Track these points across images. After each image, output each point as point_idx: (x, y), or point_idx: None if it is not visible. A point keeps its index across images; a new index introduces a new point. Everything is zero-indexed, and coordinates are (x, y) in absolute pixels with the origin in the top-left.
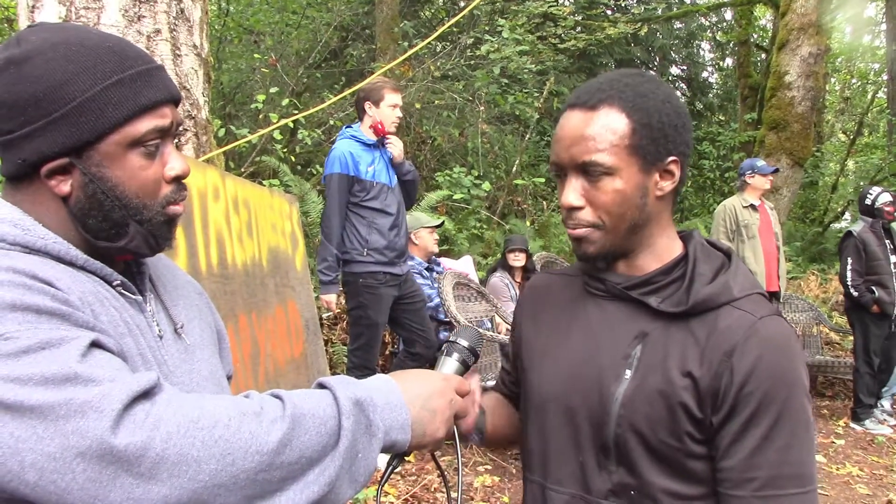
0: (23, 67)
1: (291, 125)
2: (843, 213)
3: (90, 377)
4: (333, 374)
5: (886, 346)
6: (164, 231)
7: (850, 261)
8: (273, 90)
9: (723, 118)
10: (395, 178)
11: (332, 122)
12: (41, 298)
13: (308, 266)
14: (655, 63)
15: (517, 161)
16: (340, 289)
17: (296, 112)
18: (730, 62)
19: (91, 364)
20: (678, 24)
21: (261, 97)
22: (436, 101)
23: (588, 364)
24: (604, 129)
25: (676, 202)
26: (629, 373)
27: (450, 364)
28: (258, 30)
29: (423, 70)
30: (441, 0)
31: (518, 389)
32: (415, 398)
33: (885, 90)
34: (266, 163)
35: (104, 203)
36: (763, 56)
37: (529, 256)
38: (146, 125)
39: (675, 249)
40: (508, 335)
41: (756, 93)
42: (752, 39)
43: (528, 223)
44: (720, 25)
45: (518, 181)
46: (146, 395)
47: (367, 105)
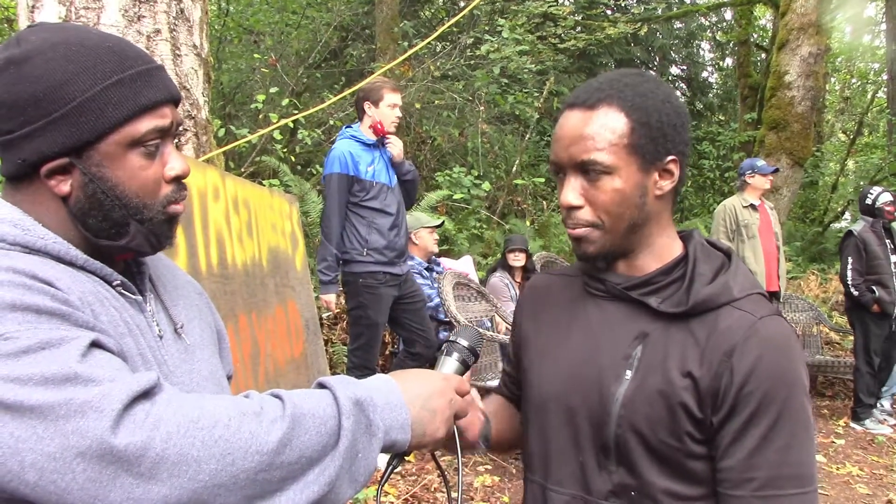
0: (23, 67)
1: (291, 125)
2: (843, 213)
3: (90, 377)
4: (333, 374)
5: (887, 346)
6: (165, 229)
7: (851, 260)
8: (273, 90)
9: (723, 118)
10: (395, 178)
11: (332, 122)
12: (41, 298)
13: (308, 266)
14: (655, 63)
15: (517, 161)
16: (340, 289)
17: (296, 112)
18: (730, 62)
19: (91, 364)
20: (678, 24)
21: (261, 97)
22: (436, 101)
23: (588, 364)
24: (603, 129)
25: (676, 202)
26: (629, 373)
27: (450, 364)
28: (258, 30)
29: (423, 70)
30: (441, 0)
31: (520, 391)
32: (415, 398)
33: (885, 90)
34: (266, 163)
35: (104, 203)
36: (763, 56)
37: (529, 256)
38: (146, 125)
39: (675, 249)
40: (508, 335)
41: (756, 93)
42: (752, 39)
43: (528, 223)
44: (720, 25)
45: (518, 181)
46: (146, 395)
47: (367, 105)
